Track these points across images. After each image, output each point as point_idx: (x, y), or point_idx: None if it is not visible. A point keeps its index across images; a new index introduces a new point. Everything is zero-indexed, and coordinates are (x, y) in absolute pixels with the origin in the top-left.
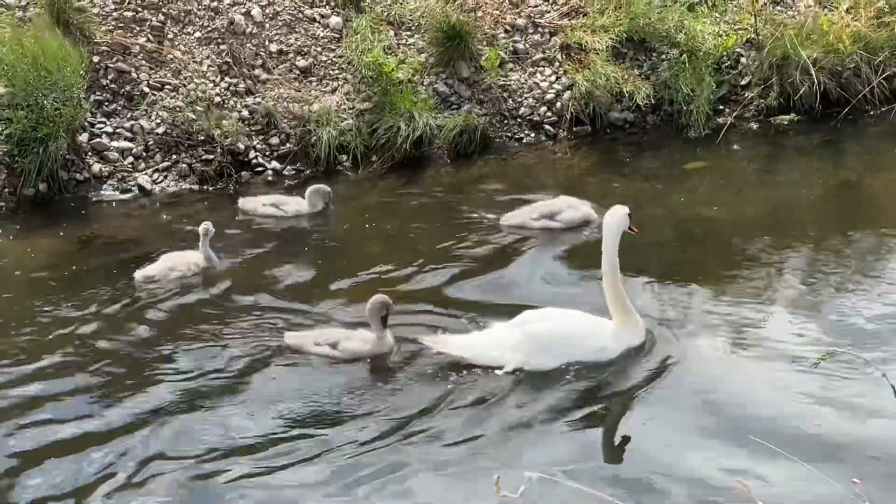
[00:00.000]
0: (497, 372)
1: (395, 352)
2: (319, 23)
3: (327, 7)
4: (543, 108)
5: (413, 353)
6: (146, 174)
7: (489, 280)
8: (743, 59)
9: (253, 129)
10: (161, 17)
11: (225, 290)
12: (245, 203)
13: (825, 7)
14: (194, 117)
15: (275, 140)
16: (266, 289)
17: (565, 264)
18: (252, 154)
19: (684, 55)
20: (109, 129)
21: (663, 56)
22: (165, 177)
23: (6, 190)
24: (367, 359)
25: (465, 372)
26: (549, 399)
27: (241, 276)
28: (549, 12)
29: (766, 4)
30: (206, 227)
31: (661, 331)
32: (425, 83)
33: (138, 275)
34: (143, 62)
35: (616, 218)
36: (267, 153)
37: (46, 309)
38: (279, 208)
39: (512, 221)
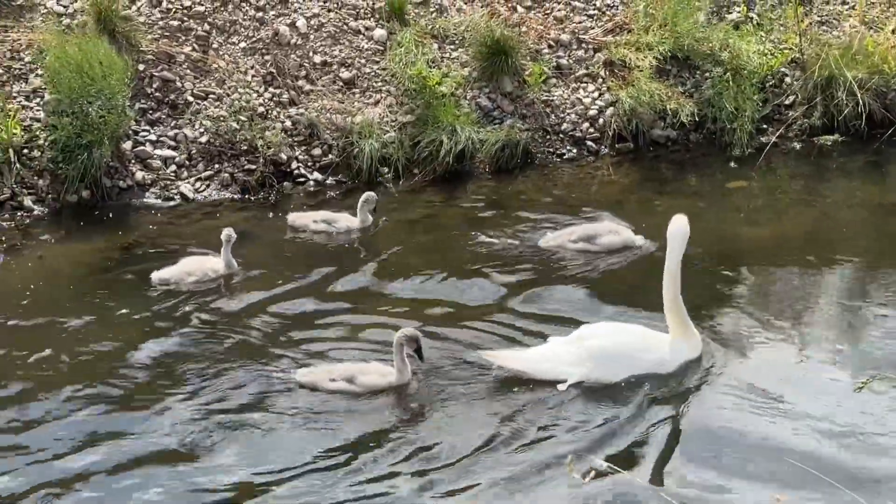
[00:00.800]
0: (559, 387)
1: (414, 383)
2: (364, 35)
3: (372, 20)
4: (586, 125)
5: (438, 381)
6: (188, 183)
7: (531, 297)
8: (787, 79)
9: (295, 139)
10: (206, 27)
11: (252, 304)
12: (295, 220)
13: (871, 28)
14: (237, 127)
15: (317, 151)
16: (292, 302)
17: (603, 287)
18: (294, 165)
19: (728, 73)
20: (153, 137)
21: (707, 74)
22: (208, 186)
23: (50, 196)
24: (386, 391)
25: (517, 388)
26: (609, 411)
27: (266, 288)
28: (593, 28)
29: (811, 24)
30: (228, 233)
31: (705, 347)
32: (468, 97)
33: (154, 276)
34: (188, 71)
35: (681, 227)
36: (309, 164)
37: (74, 316)
38: (331, 225)
39: (551, 243)
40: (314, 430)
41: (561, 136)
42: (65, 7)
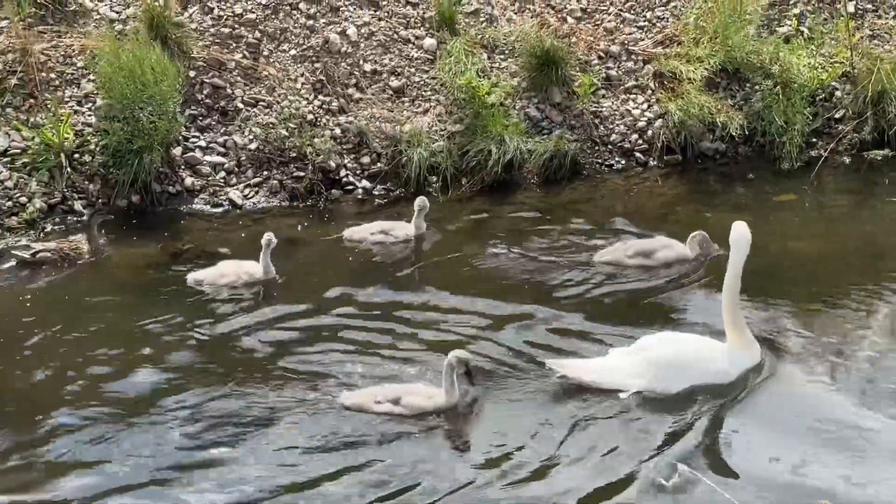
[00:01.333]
0: (620, 395)
1: (465, 404)
2: (414, 44)
3: (422, 29)
4: (634, 136)
5: (495, 392)
6: (237, 189)
7: (588, 309)
8: (837, 93)
9: (344, 147)
10: (257, 35)
11: (295, 313)
12: (352, 234)
13: None
14: (287, 134)
15: (366, 159)
16: (335, 311)
17: (662, 299)
18: (343, 172)
19: (778, 87)
20: (203, 144)
21: (757, 87)
22: (256, 192)
23: (100, 200)
24: (433, 413)
25: (578, 398)
26: (669, 422)
27: (310, 295)
28: (643, 40)
29: (862, 38)
30: (268, 237)
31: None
32: (517, 107)
33: (190, 277)
34: (239, 78)
35: (743, 234)
36: (357, 172)
37: (119, 319)
38: (388, 234)
39: (606, 258)
40: (362, 452)
41: (609, 147)
42: (117, 13)
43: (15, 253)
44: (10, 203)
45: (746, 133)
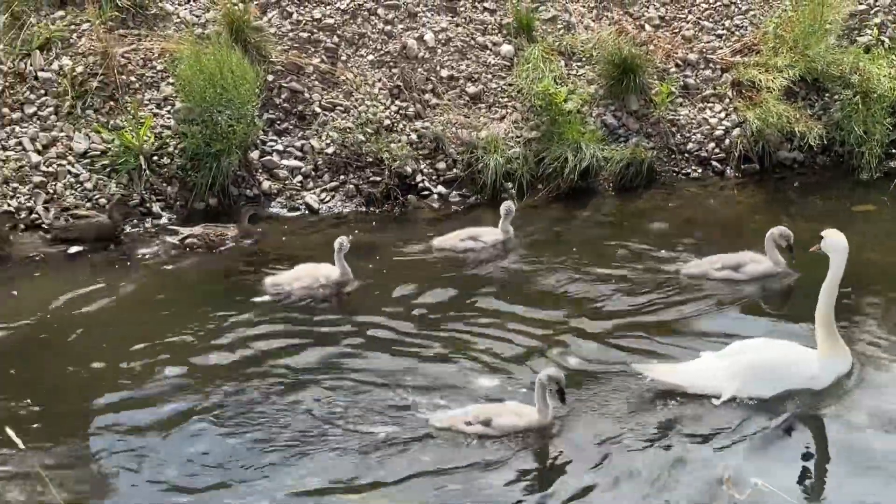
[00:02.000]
0: (714, 402)
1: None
2: (491, 50)
3: (499, 35)
4: (711, 145)
5: (585, 398)
6: (314, 193)
7: (674, 317)
8: None
9: (421, 153)
10: (335, 39)
11: (370, 321)
12: (441, 242)
13: None
14: (364, 139)
15: (442, 165)
16: (412, 319)
17: (751, 310)
18: (419, 178)
19: (858, 97)
20: (280, 148)
21: (836, 97)
22: (333, 196)
23: (178, 203)
24: (524, 433)
25: (668, 402)
26: (761, 427)
27: (386, 300)
28: (721, 49)
29: None
30: (340, 241)
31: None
32: (594, 114)
33: (267, 281)
34: (316, 83)
35: (841, 242)
36: (434, 178)
37: (196, 323)
38: (477, 240)
39: (693, 270)
40: (454, 473)
41: (686, 155)
42: (197, 17)
43: (164, 238)
44: (89, 204)
45: (825, 143)
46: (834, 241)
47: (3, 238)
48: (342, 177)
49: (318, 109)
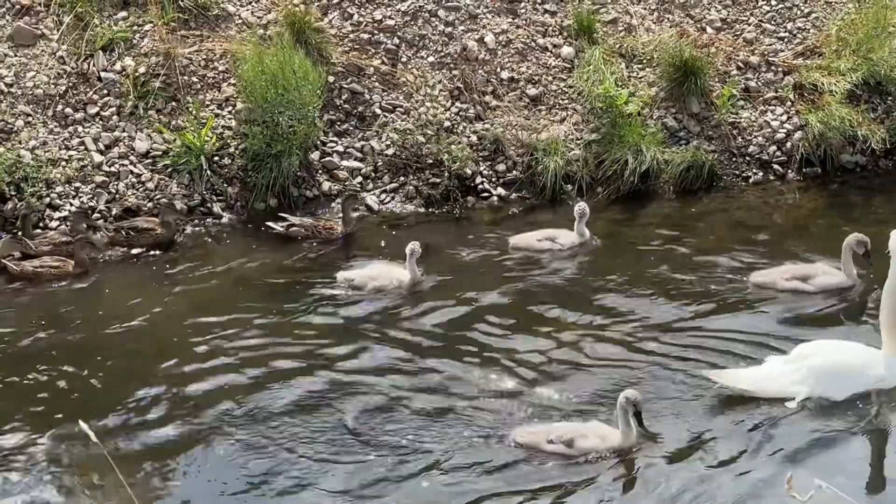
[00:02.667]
0: (788, 404)
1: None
2: (551, 52)
3: (560, 37)
4: (773, 148)
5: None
6: (374, 194)
7: (741, 323)
8: None
9: (480, 154)
10: (396, 41)
11: (445, 323)
12: (518, 241)
13: None
14: (424, 140)
15: (501, 167)
16: (483, 324)
17: (818, 322)
18: (478, 180)
19: None
20: (340, 149)
21: None
22: (392, 198)
23: (238, 203)
24: (606, 455)
25: (735, 407)
26: (829, 428)
27: (456, 304)
28: (783, 51)
29: None
30: (412, 247)
31: None
32: (654, 117)
33: (340, 275)
34: (377, 84)
35: None
36: (493, 179)
37: (259, 322)
38: (555, 242)
39: (760, 279)
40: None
41: (747, 158)
42: (259, 18)
43: (269, 224)
44: (150, 204)
45: (888, 146)
46: (892, 243)
47: (90, 245)
48: (402, 178)
49: (378, 111)
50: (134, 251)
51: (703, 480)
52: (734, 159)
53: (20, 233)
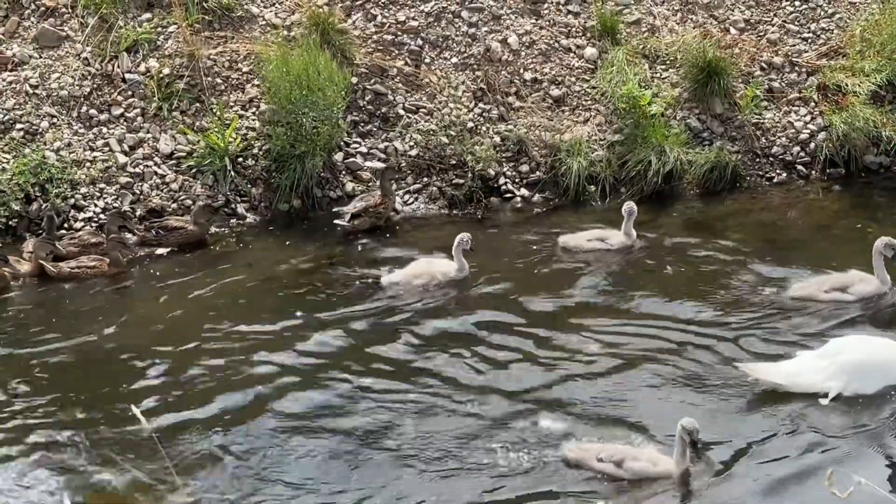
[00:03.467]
0: (821, 401)
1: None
2: (574, 53)
3: (583, 38)
4: (796, 148)
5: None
6: (397, 195)
7: (777, 327)
8: None
9: (504, 155)
10: (419, 42)
11: (496, 323)
12: (567, 241)
13: None
14: (447, 141)
15: (525, 168)
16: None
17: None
18: (502, 180)
19: None
20: (364, 150)
21: None
22: (416, 199)
23: (262, 204)
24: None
25: (771, 401)
26: (864, 423)
27: (504, 305)
28: (807, 52)
29: None
30: (461, 238)
31: None
32: (678, 117)
33: (384, 279)
34: (400, 85)
35: None
36: (517, 180)
37: (282, 322)
38: (605, 242)
39: (800, 293)
40: None
41: (771, 159)
42: (282, 19)
43: (337, 221)
44: (174, 205)
45: None
46: None
47: (123, 244)
48: (425, 179)
49: (401, 111)
50: (160, 251)
51: (740, 475)
52: (758, 160)
53: (45, 234)
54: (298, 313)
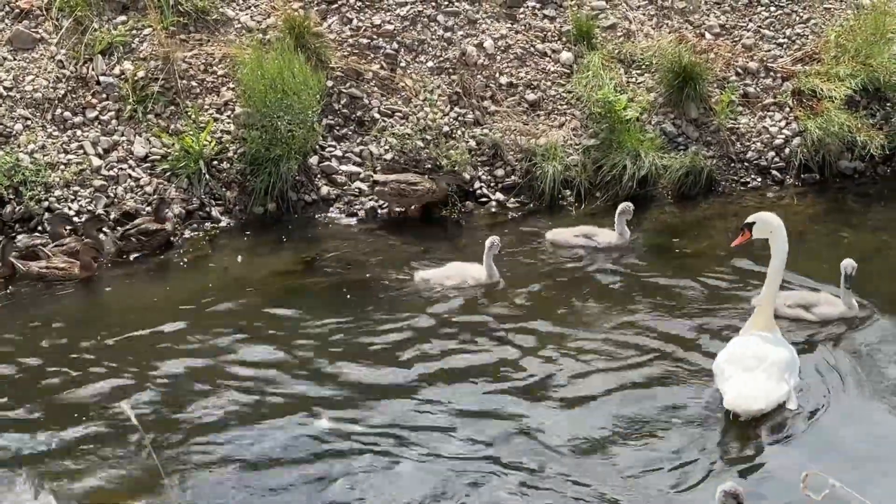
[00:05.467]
0: (789, 406)
1: None
2: (550, 57)
3: (559, 42)
4: (771, 153)
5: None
6: (373, 199)
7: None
8: None
9: (479, 159)
10: (395, 46)
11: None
12: (555, 235)
13: None
14: (422, 145)
15: (500, 172)
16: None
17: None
18: (477, 185)
19: None
20: (339, 153)
21: None
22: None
23: (236, 207)
24: None
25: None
26: (847, 425)
27: (533, 307)
28: (782, 57)
29: None
30: (492, 240)
31: None
32: (653, 122)
33: (417, 275)
34: (376, 89)
35: (775, 217)
36: (492, 184)
37: (266, 324)
38: (591, 239)
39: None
40: None
41: (745, 164)
42: (258, 22)
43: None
44: (149, 208)
45: (886, 153)
46: (766, 220)
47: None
48: None
49: (377, 115)
50: (133, 255)
51: (714, 479)
52: (733, 165)
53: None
54: (276, 313)
